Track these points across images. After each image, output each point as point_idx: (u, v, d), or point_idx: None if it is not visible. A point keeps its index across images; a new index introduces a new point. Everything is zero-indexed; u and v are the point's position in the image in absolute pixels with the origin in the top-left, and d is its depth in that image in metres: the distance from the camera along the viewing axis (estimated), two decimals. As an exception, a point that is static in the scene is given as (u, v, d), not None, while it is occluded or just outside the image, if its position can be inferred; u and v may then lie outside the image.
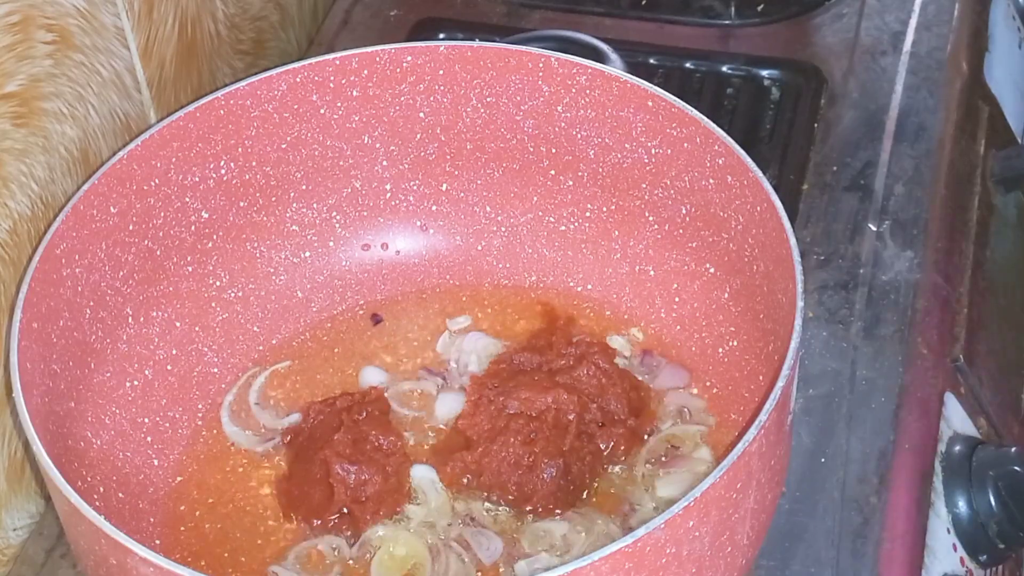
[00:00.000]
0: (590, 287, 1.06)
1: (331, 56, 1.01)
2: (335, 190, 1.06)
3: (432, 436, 0.99)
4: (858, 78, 1.23)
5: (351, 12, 1.34)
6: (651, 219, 1.02)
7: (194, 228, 1.01)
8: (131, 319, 0.98)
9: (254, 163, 1.02)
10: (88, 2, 0.99)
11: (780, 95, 1.23)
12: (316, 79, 1.01)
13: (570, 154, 1.03)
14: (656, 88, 0.96)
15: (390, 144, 1.05)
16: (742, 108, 1.22)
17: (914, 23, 1.28)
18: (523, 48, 1.01)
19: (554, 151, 1.03)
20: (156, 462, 0.97)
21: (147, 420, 0.98)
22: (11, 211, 0.95)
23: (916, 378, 1.03)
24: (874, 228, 1.11)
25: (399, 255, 1.08)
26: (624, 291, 1.04)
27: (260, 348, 1.04)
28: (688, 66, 1.26)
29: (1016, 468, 0.98)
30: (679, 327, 1.02)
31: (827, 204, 1.14)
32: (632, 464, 0.95)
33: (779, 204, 0.88)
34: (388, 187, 1.07)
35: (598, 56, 1.10)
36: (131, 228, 0.96)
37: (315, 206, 1.06)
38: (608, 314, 1.04)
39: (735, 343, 0.98)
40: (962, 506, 0.98)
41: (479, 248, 1.08)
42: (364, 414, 0.97)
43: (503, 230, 1.07)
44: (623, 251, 1.04)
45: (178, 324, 1.01)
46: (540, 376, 0.97)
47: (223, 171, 1.00)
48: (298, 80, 1.00)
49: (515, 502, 0.93)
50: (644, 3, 1.33)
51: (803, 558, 0.93)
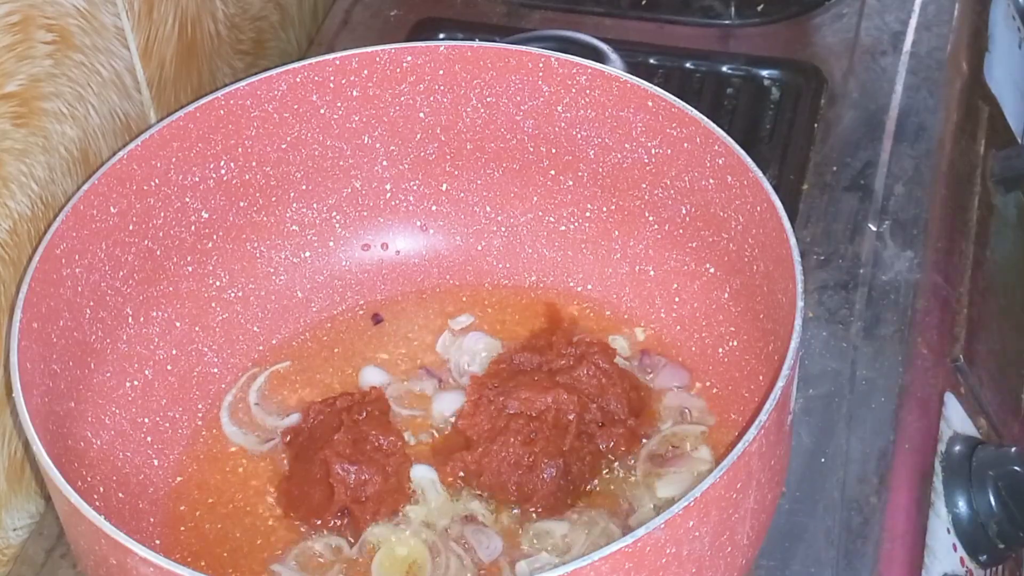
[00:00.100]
0: (590, 287, 1.06)
1: (331, 56, 1.01)
2: (335, 190, 1.06)
3: (432, 436, 0.99)
4: (858, 78, 1.23)
5: (351, 12, 1.34)
6: (651, 219, 1.02)
7: (194, 228, 1.01)
8: (131, 319, 0.98)
9: (254, 163, 1.02)
10: (88, 2, 0.99)
11: (780, 95, 1.23)
12: (316, 79, 1.01)
13: (570, 154, 1.03)
14: (656, 88, 0.96)
15: (390, 144, 1.05)
16: (742, 108, 1.22)
17: (914, 23, 1.28)
18: (523, 48, 1.01)
19: (554, 151, 1.03)
20: (156, 462, 0.97)
21: (147, 420, 0.98)
22: (11, 211, 0.95)
23: (916, 378, 1.03)
24: (874, 228, 1.11)
25: (399, 255, 1.08)
26: (624, 291, 1.04)
27: (260, 348, 1.04)
28: (688, 66, 1.26)
29: (1016, 468, 0.98)
30: (679, 327, 1.02)
31: (827, 204, 1.14)
32: (632, 464, 0.95)
33: (779, 204, 0.88)
34: (388, 187, 1.07)
35: (598, 56, 1.10)
36: (131, 228, 0.96)
37: (315, 206, 1.06)
38: (608, 314, 1.04)
39: (735, 343, 0.98)
40: (962, 506, 0.98)
41: (479, 248, 1.08)
42: (364, 414, 0.97)
43: (503, 230, 1.07)
44: (623, 251, 1.04)
45: (178, 324, 1.01)
46: (540, 376, 0.97)
47: (223, 171, 1.00)
48: (298, 80, 1.00)
49: (515, 502, 0.93)
50: (644, 3, 1.32)
51: (803, 558, 0.93)
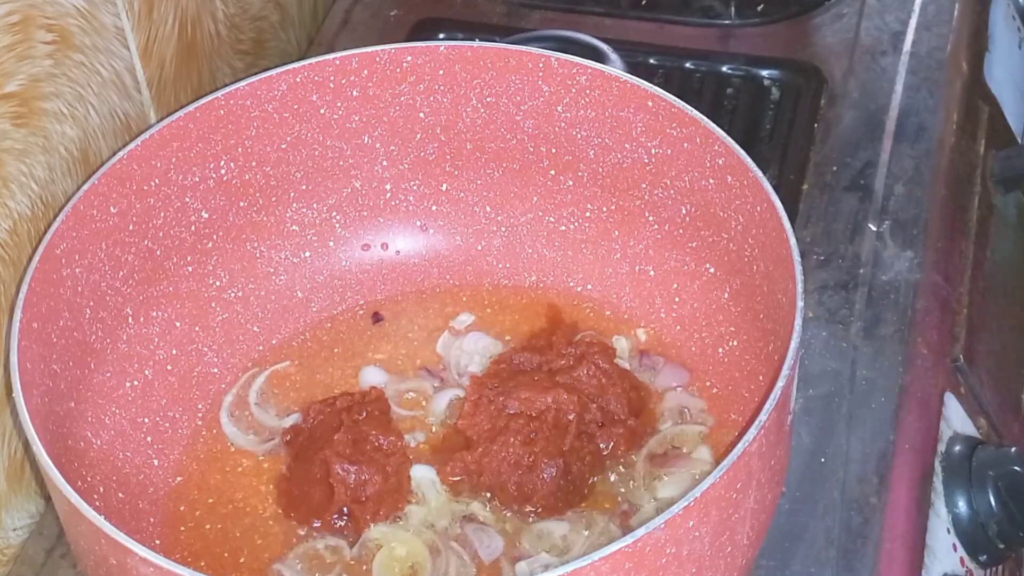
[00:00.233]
0: (590, 287, 1.06)
1: (331, 56, 1.01)
2: (335, 190, 1.06)
3: (432, 436, 0.99)
4: (858, 78, 1.23)
5: (351, 12, 1.34)
6: (651, 219, 1.02)
7: (194, 228, 1.01)
8: (131, 319, 0.98)
9: (254, 163, 1.02)
10: (88, 2, 0.99)
11: (780, 95, 1.23)
12: (316, 79, 1.01)
13: (570, 154, 1.03)
14: (656, 88, 0.96)
15: (390, 144, 1.05)
16: (742, 108, 1.22)
17: (914, 23, 1.28)
18: (523, 48, 1.01)
19: (554, 151, 1.03)
20: (156, 462, 0.97)
21: (147, 420, 0.98)
22: (11, 211, 0.95)
23: (916, 378, 1.03)
24: (874, 228, 1.11)
25: (399, 255, 1.08)
26: (624, 291, 1.04)
27: (260, 348, 1.04)
28: (688, 66, 1.26)
29: (1016, 468, 0.98)
30: (679, 327, 1.02)
31: (827, 204, 1.14)
32: (632, 464, 0.95)
33: (779, 204, 0.88)
34: (388, 187, 1.07)
35: (598, 56, 1.10)
36: (131, 228, 0.96)
37: (315, 206, 1.06)
38: (608, 314, 1.04)
39: (735, 343, 0.98)
40: (962, 506, 0.98)
41: (479, 248, 1.08)
42: (364, 414, 0.97)
43: (503, 230, 1.07)
44: (623, 251, 1.04)
45: (178, 324, 1.01)
46: (540, 376, 0.97)
47: (223, 171, 1.00)
48: (298, 80, 1.00)
49: (515, 502, 0.93)
50: (644, 3, 1.32)
51: (803, 558, 0.93)
